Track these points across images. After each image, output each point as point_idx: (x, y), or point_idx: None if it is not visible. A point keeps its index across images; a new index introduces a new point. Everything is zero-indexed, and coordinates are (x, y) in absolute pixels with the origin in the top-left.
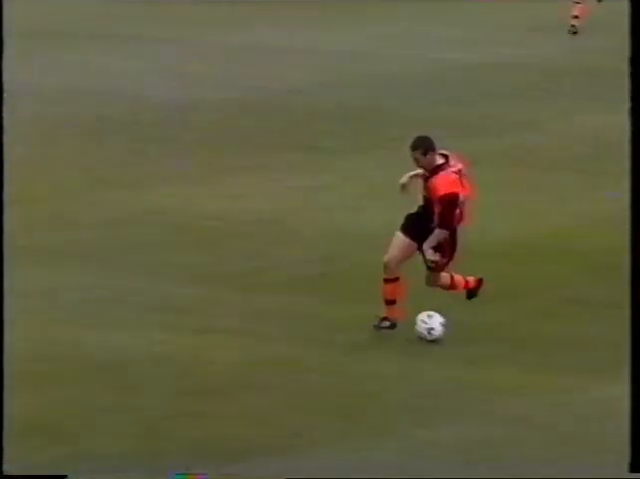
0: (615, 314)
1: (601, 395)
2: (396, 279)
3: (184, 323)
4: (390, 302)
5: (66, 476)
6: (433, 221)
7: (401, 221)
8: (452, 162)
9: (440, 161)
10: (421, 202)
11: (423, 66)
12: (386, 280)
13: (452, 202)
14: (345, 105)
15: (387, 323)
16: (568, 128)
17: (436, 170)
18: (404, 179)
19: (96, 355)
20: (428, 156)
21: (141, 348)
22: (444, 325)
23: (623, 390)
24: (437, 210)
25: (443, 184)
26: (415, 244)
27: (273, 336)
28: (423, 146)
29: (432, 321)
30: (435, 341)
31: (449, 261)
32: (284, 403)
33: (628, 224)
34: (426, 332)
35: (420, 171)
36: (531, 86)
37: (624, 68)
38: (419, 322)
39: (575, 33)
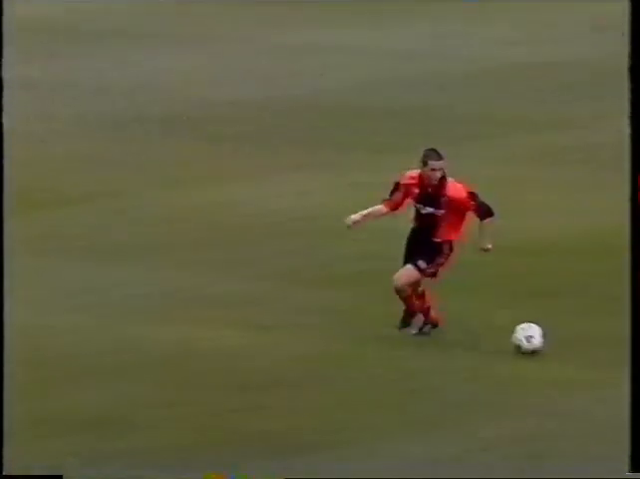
0: None
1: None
2: (420, 296)
3: (246, 318)
4: (426, 311)
5: (61, 476)
6: (435, 235)
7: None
8: None
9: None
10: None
11: (481, 64)
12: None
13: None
14: (411, 104)
15: (428, 326)
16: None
17: (442, 181)
18: (356, 216)
19: (160, 349)
20: None
21: (203, 342)
22: (543, 336)
23: None
24: (470, 209)
25: (458, 187)
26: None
27: (334, 332)
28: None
29: (531, 330)
30: (533, 352)
31: (436, 273)
32: (345, 397)
33: None
34: (524, 340)
35: (377, 210)
36: (588, 84)
37: None
38: (518, 330)
39: None
